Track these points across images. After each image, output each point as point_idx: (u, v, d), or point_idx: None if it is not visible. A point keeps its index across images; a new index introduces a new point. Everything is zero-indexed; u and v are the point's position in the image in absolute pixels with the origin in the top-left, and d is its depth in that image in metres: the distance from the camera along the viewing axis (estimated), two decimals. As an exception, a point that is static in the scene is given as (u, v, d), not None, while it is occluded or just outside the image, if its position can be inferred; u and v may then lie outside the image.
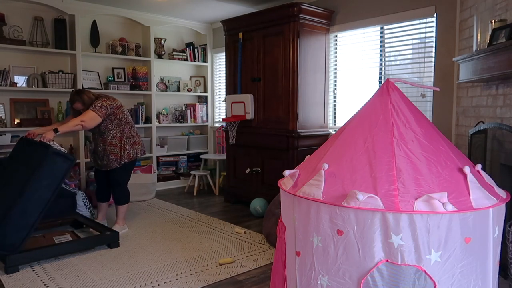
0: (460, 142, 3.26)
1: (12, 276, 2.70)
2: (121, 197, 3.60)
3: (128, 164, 3.54)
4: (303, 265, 1.59)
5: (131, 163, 3.56)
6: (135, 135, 3.57)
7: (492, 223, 1.46)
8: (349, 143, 1.64)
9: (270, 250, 3.20)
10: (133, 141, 3.53)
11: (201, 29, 5.89)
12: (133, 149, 3.52)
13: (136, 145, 3.55)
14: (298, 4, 3.90)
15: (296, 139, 3.99)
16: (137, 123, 5.27)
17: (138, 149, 3.57)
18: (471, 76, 2.67)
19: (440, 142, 1.61)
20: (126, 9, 5.05)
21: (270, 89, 4.22)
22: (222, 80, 5.93)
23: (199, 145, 5.97)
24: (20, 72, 4.50)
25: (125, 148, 3.47)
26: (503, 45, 2.22)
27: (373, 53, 4.05)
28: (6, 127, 4.39)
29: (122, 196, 3.61)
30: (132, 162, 3.57)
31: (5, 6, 4.39)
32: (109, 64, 5.21)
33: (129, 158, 3.49)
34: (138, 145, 3.57)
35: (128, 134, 3.50)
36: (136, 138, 3.57)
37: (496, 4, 2.62)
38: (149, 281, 2.63)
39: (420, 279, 1.37)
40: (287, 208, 1.71)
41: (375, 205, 1.39)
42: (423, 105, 3.64)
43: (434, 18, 3.51)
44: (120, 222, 3.63)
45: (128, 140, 3.49)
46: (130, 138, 3.51)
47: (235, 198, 4.75)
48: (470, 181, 1.47)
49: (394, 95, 1.71)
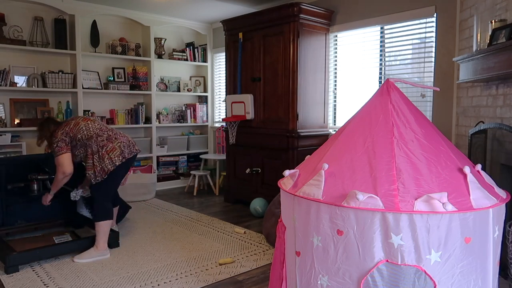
0: (460, 142, 3.26)
1: (12, 276, 2.70)
2: (96, 212, 3.09)
3: (105, 180, 3.06)
4: (303, 265, 1.59)
5: (110, 175, 3.07)
6: (105, 143, 3.07)
7: (492, 223, 1.46)
8: (349, 143, 1.64)
9: (270, 250, 3.20)
10: (103, 152, 3.03)
11: (201, 29, 5.89)
12: (108, 161, 3.02)
13: (111, 152, 3.04)
14: (298, 4, 3.90)
15: (296, 139, 3.99)
16: (137, 123, 5.28)
17: (115, 155, 3.05)
18: (471, 76, 2.67)
19: (440, 142, 1.61)
20: (126, 9, 5.05)
21: (270, 89, 4.22)
22: (222, 80, 5.93)
23: (199, 145, 5.97)
24: (20, 72, 4.50)
25: (96, 165, 3.03)
26: (503, 45, 2.22)
27: (373, 53, 4.05)
28: (6, 127, 4.39)
29: (97, 211, 3.08)
30: (112, 173, 3.07)
31: (5, 6, 4.39)
32: (109, 64, 5.21)
33: (105, 172, 3.03)
34: (114, 150, 3.06)
35: (96, 148, 3.04)
36: (109, 144, 3.07)
37: (496, 4, 2.62)
38: (149, 281, 2.63)
39: (420, 279, 1.37)
40: (287, 208, 1.71)
41: (375, 205, 1.39)
42: (423, 105, 3.64)
43: (434, 18, 3.51)
44: (98, 245, 3.05)
45: (98, 156, 3.04)
46: (100, 150, 3.04)
47: (235, 198, 4.75)
48: (470, 181, 1.47)
49: (394, 95, 1.71)
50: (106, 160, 3.02)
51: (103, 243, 3.06)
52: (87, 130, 3.08)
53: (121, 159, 3.07)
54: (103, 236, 3.06)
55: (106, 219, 3.07)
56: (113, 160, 3.04)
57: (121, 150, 3.10)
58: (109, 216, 3.10)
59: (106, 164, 3.02)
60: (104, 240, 3.07)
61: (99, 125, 3.18)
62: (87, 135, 3.06)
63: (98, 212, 3.07)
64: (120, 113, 5.18)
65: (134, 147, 3.25)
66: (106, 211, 3.09)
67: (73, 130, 3.05)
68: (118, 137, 3.15)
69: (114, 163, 3.04)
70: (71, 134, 3.04)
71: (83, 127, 3.08)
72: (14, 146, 4.32)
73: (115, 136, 3.15)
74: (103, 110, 5.16)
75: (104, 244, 3.07)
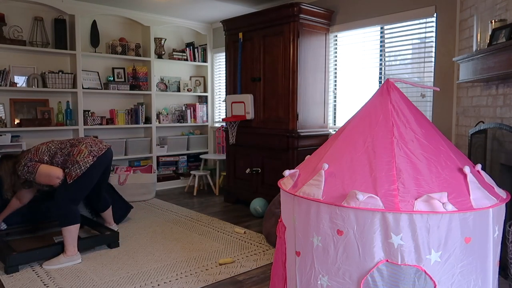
0: (460, 142, 3.26)
1: (12, 276, 2.70)
2: (61, 217, 2.92)
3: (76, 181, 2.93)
4: (303, 265, 1.59)
5: (79, 178, 2.94)
6: (70, 150, 3.01)
7: (492, 223, 1.46)
8: (349, 143, 1.64)
9: (270, 250, 3.20)
10: (71, 158, 2.96)
11: (201, 29, 5.89)
12: (77, 165, 2.92)
13: (78, 155, 2.95)
14: (298, 4, 3.90)
15: (296, 139, 3.99)
16: (137, 123, 5.28)
17: (83, 157, 2.95)
18: (471, 76, 2.67)
19: (440, 142, 1.61)
20: (126, 9, 5.05)
21: (270, 89, 4.22)
22: (222, 80, 5.93)
23: (199, 145, 5.97)
24: (20, 72, 4.50)
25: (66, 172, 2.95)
26: (503, 45, 2.22)
27: (373, 53, 4.05)
28: (6, 127, 4.39)
29: (63, 215, 2.91)
30: (81, 177, 2.94)
31: (5, 6, 4.39)
32: (109, 64, 5.21)
33: (72, 177, 2.91)
34: (81, 152, 2.97)
35: (63, 159, 2.98)
36: (74, 149, 3.00)
37: (496, 4, 2.62)
38: (149, 281, 2.63)
39: (420, 279, 1.37)
40: (287, 208, 1.71)
41: (375, 205, 1.39)
42: (423, 105, 3.64)
43: (434, 18, 3.51)
44: (67, 251, 2.90)
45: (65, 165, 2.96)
46: (67, 158, 2.97)
47: (235, 198, 4.75)
48: (470, 181, 1.47)
49: (394, 95, 1.71)
50: (75, 164, 2.93)
51: (73, 248, 2.93)
52: (49, 150, 3.02)
53: (91, 159, 2.98)
54: (71, 241, 2.92)
55: (73, 224, 2.92)
56: (81, 163, 2.94)
57: (89, 150, 3.01)
58: (76, 220, 2.94)
59: (77, 167, 2.93)
60: (73, 245, 2.93)
61: (58, 141, 3.14)
62: (51, 153, 3.00)
63: (64, 217, 2.91)
64: (120, 113, 5.18)
65: (102, 143, 3.16)
66: (73, 215, 2.93)
67: (36, 154, 2.98)
68: (81, 140, 3.11)
69: (83, 166, 2.94)
70: (36, 158, 2.96)
71: (45, 149, 3.02)
72: (14, 146, 4.32)
73: (78, 141, 3.11)
74: (103, 110, 5.16)
75: (74, 249, 2.93)
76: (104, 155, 3.10)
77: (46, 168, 2.94)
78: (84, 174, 2.95)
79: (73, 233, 2.92)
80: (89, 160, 2.97)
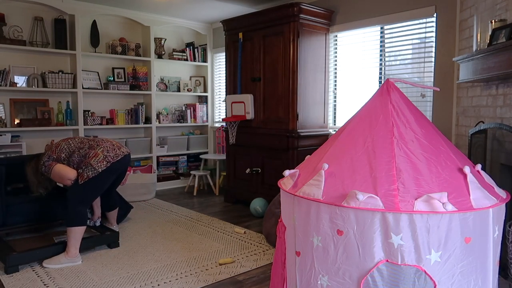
0: (460, 142, 3.26)
1: (12, 276, 2.70)
2: (68, 217, 2.95)
3: (83, 186, 2.97)
4: (303, 265, 1.59)
5: (90, 182, 2.98)
6: (87, 151, 3.05)
7: (492, 223, 1.46)
8: (349, 143, 1.64)
9: (270, 250, 3.20)
10: (86, 160, 3.00)
11: (201, 29, 5.89)
12: (90, 167, 2.96)
13: (93, 159, 2.98)
14: (298, 4, 3.90)
15: (296, 139, 3.99)
16: (137, 123, 5.28)
17: (97, 161, 2.98)
18: (471, 76, 2.67)
19: (440, 142, 1.61)
20: (126, 9, 5.05)
21: (270, 89, 4.22)
22: (222, 80, 5.93)
23: (199, 145, 5.97)
24: (20, 72, 4.50)
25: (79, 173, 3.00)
26: (503, 45, 2.22)
27: (373, 53, 4.05)
28: (6, 127, 4.39)
29: (70, 216, 2.94)
30: (93, 180, 2.98)
31: (5, 6, 4.39)
32: (109, 64, 5.21)
33: (83, 179, 2.95)
34: (96, 156, 3.00)
35: (79, 159, 3.04)
36: (91, 152, 3.03)
37: (496, 4, 2.62)
38: (149, 281, 2.63)
39: (420, 279, 1.37)
40: (287, 208, 1.71)
41: (375, 205, 1.39)
42: (423, 105, 3.64)
43: (434, 18, 3.51)
44: (68, 252, 2.91)
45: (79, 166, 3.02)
46: (83, 160, 3.02)
47: (235, 198, 4.75)
48: (470, 181, 1.47)
49: (394, 95, 1.71)
50: (88, 167, 2.96)
51: (74, 250, 2.92)
52: (68, 147, 3.09)
53: (105, 164, 2.99)
54: (74, 242, 2.91)
55: (79, 225, 2.92)
56: (95, 166, 2.96)
57: (104, 155, 3.03)
58: (83, 222, 2.95)
59: (91, 169, 2.96)
60: (76, 247, 2.93)
61: (80, 139, 3.19)
62: (70, 151, 3.07)
63: (71, 217, 2.93)
64: (120, 113, 5.18)
65: (120, 149, 3.16)
66: (80, 217, 2.95)
67: (55, 151, 3.07)
68: (100, 143, 3.12)
69: (96, 170, 2.96)
70: (55, 156, 3.06)
71: (64, 146, 3.10)
72: (14, 146, 4.32)
73: (97, 143, 3.12)
74: (103, 110, 5.16)
75: (76, 251, 2.93)
76: (119, 162, 3.10)
77: (59, 169, 3.01)
78: (96, 177, 2.97)
79: (77, 234, 2.93)
80: (103, 165, 2.99)
